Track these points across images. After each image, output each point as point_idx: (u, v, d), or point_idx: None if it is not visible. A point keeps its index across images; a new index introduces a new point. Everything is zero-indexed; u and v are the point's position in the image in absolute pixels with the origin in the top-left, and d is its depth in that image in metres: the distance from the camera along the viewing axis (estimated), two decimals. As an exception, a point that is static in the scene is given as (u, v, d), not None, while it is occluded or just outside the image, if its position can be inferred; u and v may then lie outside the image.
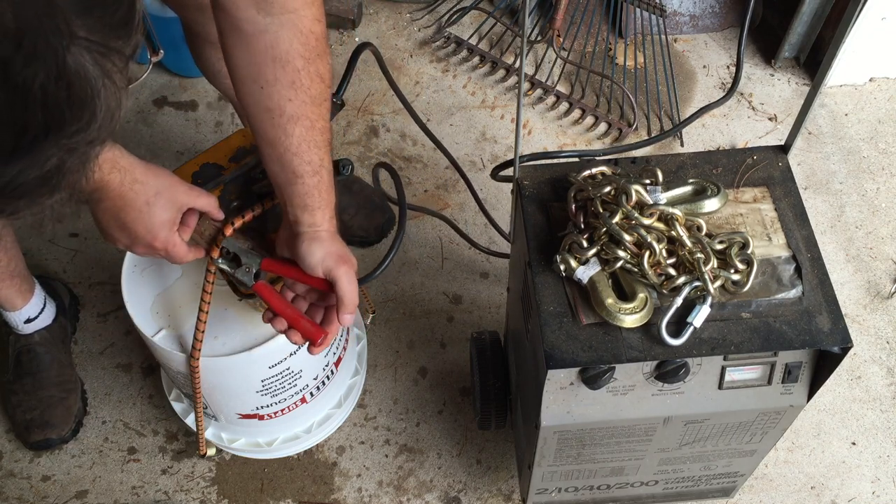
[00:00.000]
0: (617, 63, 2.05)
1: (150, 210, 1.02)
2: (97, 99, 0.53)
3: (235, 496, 1.57)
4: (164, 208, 1.03)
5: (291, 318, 1.09)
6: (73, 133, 0.53)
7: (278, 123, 0.98)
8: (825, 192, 1.88)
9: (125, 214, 1.01)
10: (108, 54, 0.53)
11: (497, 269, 1.79)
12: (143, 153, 1.92)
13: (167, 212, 1.03)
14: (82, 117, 0.53)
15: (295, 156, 1.00)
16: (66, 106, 0.52)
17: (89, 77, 0.52)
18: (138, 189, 1.00)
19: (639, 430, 1.13)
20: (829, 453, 1.61)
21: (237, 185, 1.14)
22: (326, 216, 1.06)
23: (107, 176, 0.97)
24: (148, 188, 1.01)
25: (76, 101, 0.52)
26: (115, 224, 1.03)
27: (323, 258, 1.06)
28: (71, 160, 0.55)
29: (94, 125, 0.54)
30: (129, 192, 1.00)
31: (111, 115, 0.55)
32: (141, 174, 1.00)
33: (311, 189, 1.03)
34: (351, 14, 2.09)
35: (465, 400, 1.66)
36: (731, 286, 1.02)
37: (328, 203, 1.06)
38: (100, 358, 1.70)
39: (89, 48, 0.52)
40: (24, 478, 1.59)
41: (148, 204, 1.01)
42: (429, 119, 1.98)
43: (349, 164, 1.10)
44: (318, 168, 1.03)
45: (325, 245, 1.06)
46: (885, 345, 1.71)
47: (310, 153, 1.01)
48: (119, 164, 0.98)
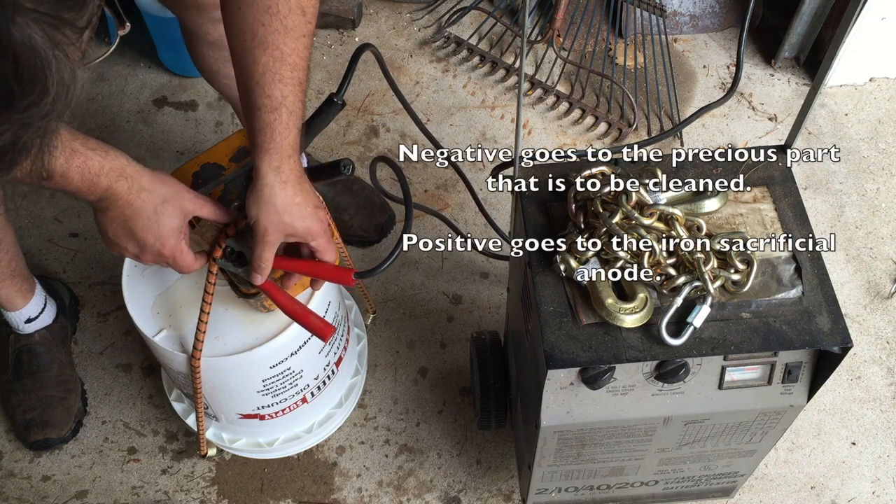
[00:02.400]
0: (617, 63, 2.05)
1: (158, 218, 1.01)
2: (48, 72, 0.51)
3: (235, 496, 1.57)
4: (172, 216, 1.02)
5: (299, 315, 1.09)
6: (24, 108, 0.52)
7: (249, 47, 0.95)
8: (825, 192, 1.89)
9: (133, 223, 1.01)
10: (59, 26, 0.52)
11: (497, 269, 1.79)
12: (143, 153, 1.93)
13: (175, 219, 1.03)
14: (33, 91, 0.51)
15: (257, 85, 0.96)
16: (13, 80, 0.50)
17: (38, 49, 0.50)
18: (146, 197, 0.99)
19: (639, 430, 1.13)
20: (829, 453, 1.61)
21: (237, 185, 1.14)
22: (273, 164, 1.00)
23: (114, 184, 0.96)
24: (155, 196, 1.00)
25: (25, 74, 0.50)
26: (123, 233, 1.02)
27: (256, 218, 1.01)
28: (26, 135, 0.54)
29: (46, 99, 0.52)
30: (137, 200, 0.99)
31: (65, 88, 0.53)
32: (147, 182, 1.00)
33: (265, 126, 0.98)
34: (351, 14, 2.09)
35: (465, 400, 1.66)
36: (731, 286, 1.02)
37: (280, 151, 1.00)
38: (100, 358, 1.70)
39: (37, 20, 0.50)
40: (24, 478, 1.59)
41: (156, 212, 1.01)
42: (429, 119, 1.98)
43: (349, 164, 1.09)
44: (278, 105, 0.97)
45: (263, 204, 1.00)
46: (885, 345, 1.71)
47: (272, 86, 0.96)
48: (126, 172, 0.97)
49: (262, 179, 1.01)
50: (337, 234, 1.26)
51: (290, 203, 1.02)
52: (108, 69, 2.05)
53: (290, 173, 1.02)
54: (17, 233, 1.47)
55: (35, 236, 1.82)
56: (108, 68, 2.05)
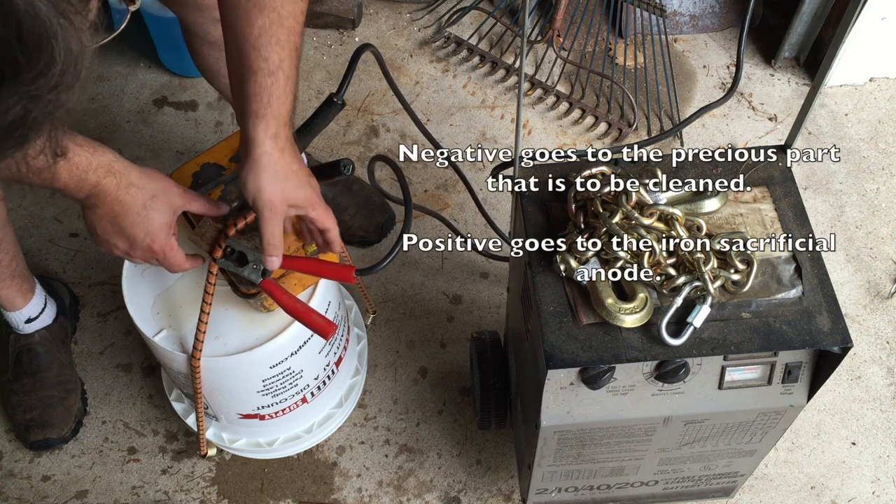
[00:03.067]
0: (617, 63, 2.05)
1: (147, 213, 1.01)
2: (53, 40, 0.50)
3: (235, 496, 1.57)
4: (161, 211, 1.02)
5: (300, 313, 1.09)
6: (32, 79, 0.51)
7: (244, 8, 0.93)
8: (825, 192, 1.89)
9: (123, 219, 1.00)
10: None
11: (497, 269, 1.79)
12: (143, 153, 1.93)
13: (164, 215, 1.02)
14: (39, 60, 0.50)
15: (253, 48, 0.94)
16: (18, 49, 0.49)
17: (41, 17, 0.49)
18: (134, 193, 0.99)
19: (639, 430, 1.13)
20: (829, 453, 1.61)
21: (237, 185, 1.14)
22: (270, 131, 0.96)
23: (102, 180, 0.96)
24: (144, 192, 1.00)
25: (30, 43, 0.49)
26: (112, 229, 1.02)
27: (257, 192, 0.96)
28: (37, 109, 0.52)
29: (54, 69, 0.51)
30: (126, 197, 0.99)
31: (73, 58, 0.52)
32: (136, 178, 0.99)
33: (261, 91, 0.94)
34: (351, 14, 2.09)
35: (465, 400, 1.66)
36: (731, 286, 1.02)
37: (278, 117, 0.96)
38: (100, 358, 1.70)
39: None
40: (24, 478, 1.59)
41: (145, 207, 1.00)
42: (429, 119, 1.98)
43: (350, 164, 1.09)
44: (275, 69, 0.94)
45: (262, 174, 0.96)
46: (885, 345, 1.71)
47: (269, 49, 0.94)
48: (114, 168, 0.97)
49: (260, 147, 0.96)
50: None
51: (290, 170, 0.99)
52: (108, 69, 2.05)
53: (287, 141, 0.99)
54: (17, 233, 1.47)
55: (35, 236, 1.82)
56: (108, 68, 2.05)
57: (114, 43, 2.08)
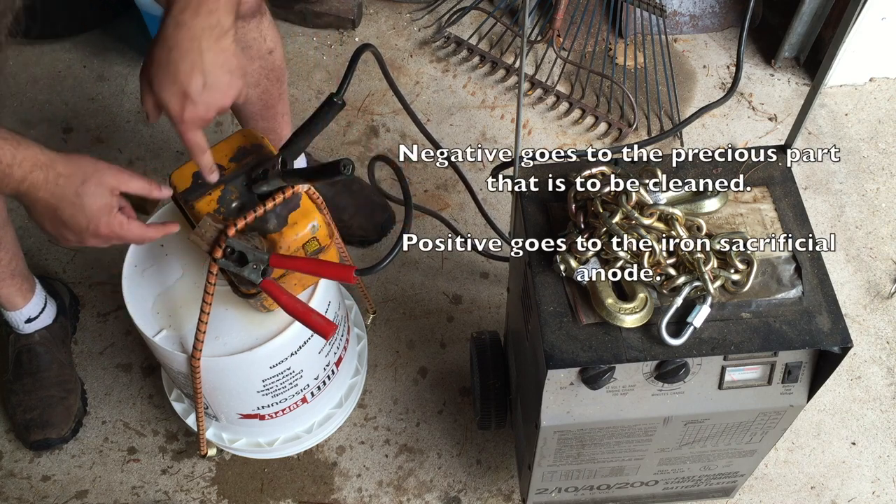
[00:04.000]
0: (617, 63, 2.05)
1: (81, 200, 0.99)
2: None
3: (235, 496, 1.57)
4: (96, 195, 1.00)
5: (300, 313, 1.09)
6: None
7: None
8: (825, 192, 1.89)
9: (62, 211, 0.99)
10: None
11: (497, 269, 1.79)
12: (143, 153, 1.93)
13: (100, 198, 1.01)
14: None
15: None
16: None
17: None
18: (64, 182, 0.98)
19: (639, 430, 1.13)
20: (829, 453, 1.61)
21: (237, 185, 1.14)
22: None
23: (29, 175, 0.95)
24: (74, 179, 0.98)
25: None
26: (56, 223, 1.01)
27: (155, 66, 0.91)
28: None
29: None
30: (57, 189, 0.97)
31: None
32: (63, 167, 0.98)
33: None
34: (351, 14, 2.09)
35: (465, 400, 1.66)
36: (731, 286, 1.02)
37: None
38: (100, 358, 1.70)
39: None
40: (24, 478, 1.59)
41: (78, 195, 0.99)
42: (429, 119, 1.98)
43: (350, 164, 1.09)
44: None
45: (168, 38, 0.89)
46: (885, 345, 1.71)
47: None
48: (39, 160, 0.96)
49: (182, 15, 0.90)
50: (337, 234, 1.26)
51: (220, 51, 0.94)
52: (108, 69, 2.05)
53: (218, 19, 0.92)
54: (17, 233, 1.47)
55: (35, 236, 1.82)
56: (108, 68, 2.05)
57: (114, 43, 2.08)
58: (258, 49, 1.39)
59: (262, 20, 1.36)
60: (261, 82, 1.44)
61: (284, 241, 1.12)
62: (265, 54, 1.40)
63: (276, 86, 1.48)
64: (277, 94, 1.49)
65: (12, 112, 1.98)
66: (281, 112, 1.54)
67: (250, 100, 1.46)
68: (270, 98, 1.48)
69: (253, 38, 1.37)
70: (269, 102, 1.49)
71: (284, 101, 1.53)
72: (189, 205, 1.14)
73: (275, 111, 1.52)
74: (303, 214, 1.13)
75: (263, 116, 1.51)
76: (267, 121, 1.52)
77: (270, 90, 1.47)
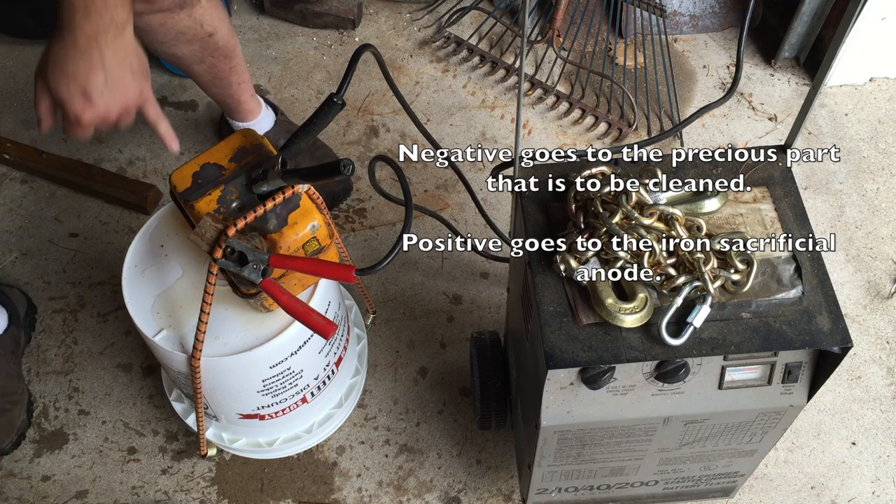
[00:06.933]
0: (617, 63, 2.05)
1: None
2: None
3: (235, 496, 1.57)
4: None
5: (300, 313, 1.09)
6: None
7: None
8: (825, 192, 1.89)
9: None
10: None
11: (497, 269, 1.79)
12: (143, 153, 1.93)
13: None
14: None
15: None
16: None
17: None
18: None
19: (639, 430, 1.13)
20: (829, 453, 1.61)
21: (237, 185, 1.14)
22: None
23: None
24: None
25: None
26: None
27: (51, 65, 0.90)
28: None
29: None
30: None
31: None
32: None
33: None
34: (351, 14, 2.09)
35: (465, 400, 1.66)
36: (731, 286, 1.02)
37: None
38: (100, 358, 1.70)
39: None
40: (24, 478, 1.59)
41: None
42: (429, 119, 1.98)
43: (350, 164, 1.09)
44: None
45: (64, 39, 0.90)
46: (885, 345, 1.71)
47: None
48: None
49: None
50: (337, 234, 1.26)
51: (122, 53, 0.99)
52: (108, 69, 2.05)
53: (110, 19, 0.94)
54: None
55: (35, 236, 1.82)
56: (108, 68, 2.05)
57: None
58: (195, 33, 1.44)
59: (192, 10, 1.40)
60: (205, 59, 1.52)
61: (284, 241, 1.12)
62: (204, 37, 1.46)
63: (224, 61, 1.55)
64: (227, 68, 1.57)
65: (12, 112, 1.98)
66: (236, 81, 1.62)
67: (198, 72, 1.55)
68: (219, 72, 1.56)
69: (186, 25, 1.41)
70: (218, 75, 1.57)
71: (238, 72, 1.60)
72: (189, 205, 1.14)
73: (228, 81, 1.60)
74: (303, 214, 1.13)
75: (216, 85, 1.61)
76: (221, 89, 1.62)
77: (218, 65, 1.55)
